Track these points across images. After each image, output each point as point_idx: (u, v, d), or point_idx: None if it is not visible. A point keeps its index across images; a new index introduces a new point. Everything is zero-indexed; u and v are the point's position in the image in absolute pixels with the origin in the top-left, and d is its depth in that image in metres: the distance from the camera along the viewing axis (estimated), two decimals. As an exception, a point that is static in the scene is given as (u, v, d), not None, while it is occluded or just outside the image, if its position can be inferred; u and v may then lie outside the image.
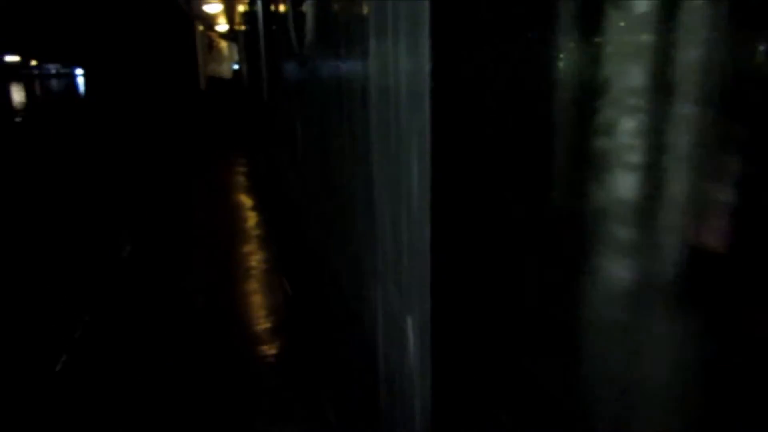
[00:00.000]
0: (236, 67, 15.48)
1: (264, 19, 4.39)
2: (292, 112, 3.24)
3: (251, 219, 5.66)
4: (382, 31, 1.31)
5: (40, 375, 2.84)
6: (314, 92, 2.48)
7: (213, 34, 15.33)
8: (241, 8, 9.43)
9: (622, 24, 0.87)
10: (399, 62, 1.22)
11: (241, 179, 7.73)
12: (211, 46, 15.08)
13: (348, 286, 1.99)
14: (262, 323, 3.37)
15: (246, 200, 6.47)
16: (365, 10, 1.50)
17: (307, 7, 2.44)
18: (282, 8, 3.26)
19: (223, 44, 15.47)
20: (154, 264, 4.55)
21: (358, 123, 1.60)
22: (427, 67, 1.03)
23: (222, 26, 14.69)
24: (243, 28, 9.97)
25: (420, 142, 1.11)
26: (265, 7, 4.27)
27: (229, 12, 11.68)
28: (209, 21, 13.60)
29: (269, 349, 3.06)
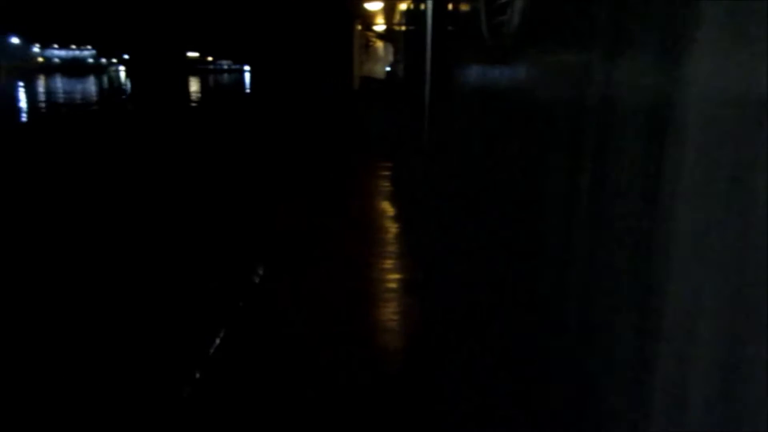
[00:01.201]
0: (388, 69, 15.57)
1: (434, 11, 4.04)
2: (465, 125, 2.66)
3: (389, 233, 5.34)
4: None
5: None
6: (514, 104, 1.74)
7: (370, 34, 15.58)
8: (402, 6, 9.32)
9: None
10: None
11: (385, 188, 7.38)
12: (367, 46, 15.35)
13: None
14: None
15: (388, 212, 6.18)
16: None
17: None
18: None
19: (379, 44, 15.67)
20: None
21: (632, 169, 0.96)
22: None
23: (379, 26, 14.86)
24: (403, 27, 9.86)
25: None
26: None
27: (388, 11, 11.69)
28: (368, 20, 13.82)
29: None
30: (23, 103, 31.74)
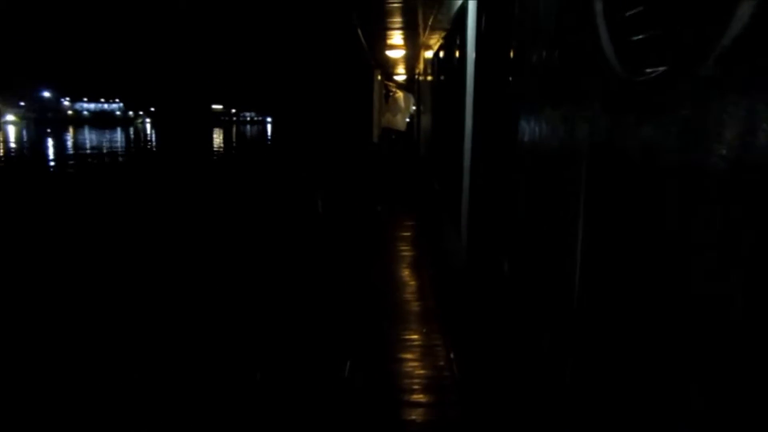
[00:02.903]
0: (408, 120, 15.13)
1: (478, 53, 3.42)
2: (551, 194, 1.78)
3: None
4: None
5: None
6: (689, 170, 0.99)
7: (390, 84, 15.25)
8: (428, 54, 8.85)
9: None
10: None
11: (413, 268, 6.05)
12: (387, 96, 14.98)
13: None
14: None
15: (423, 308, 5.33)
16: None
17: None
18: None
19: (400, 94, 15.32)
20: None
21: None
22: None
23: (401, 75, 14.53)
24: (429, 77, 9.38)
25: None
26: (485, 33, 3.25)
27: (411, 59, 11.29)
28: (389, 69, 13.48)
29: None
30: (50, 154, 32.31)
